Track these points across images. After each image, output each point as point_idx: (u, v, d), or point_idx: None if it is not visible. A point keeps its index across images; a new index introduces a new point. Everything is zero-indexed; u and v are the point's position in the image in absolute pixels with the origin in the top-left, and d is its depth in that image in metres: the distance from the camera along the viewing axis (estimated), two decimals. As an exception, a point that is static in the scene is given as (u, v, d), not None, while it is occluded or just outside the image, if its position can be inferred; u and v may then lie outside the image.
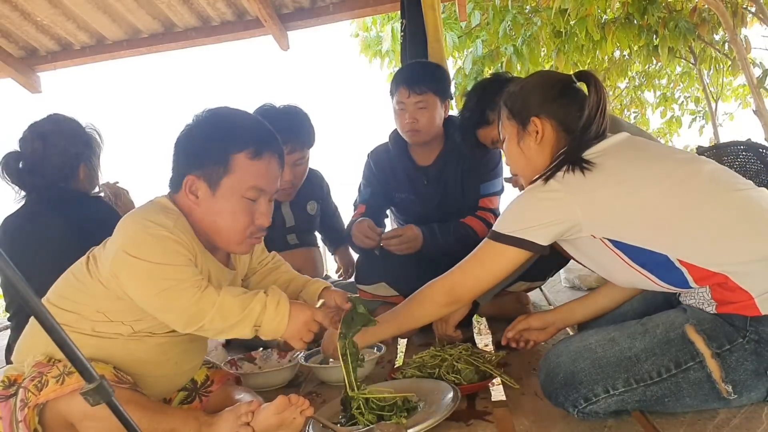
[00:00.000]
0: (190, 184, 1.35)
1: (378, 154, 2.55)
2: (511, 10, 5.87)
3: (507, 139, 1.54)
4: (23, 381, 1.26)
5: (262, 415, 1.22)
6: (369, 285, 2.35)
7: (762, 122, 6.01)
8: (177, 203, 1.39)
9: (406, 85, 2.29)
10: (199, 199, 1.35)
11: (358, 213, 2.48)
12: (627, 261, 1.30)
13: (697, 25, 6.03)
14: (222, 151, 1.34)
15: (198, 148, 1.36)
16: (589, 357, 1.24)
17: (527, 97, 1.49)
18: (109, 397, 0.82)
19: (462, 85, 6.49)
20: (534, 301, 2.58)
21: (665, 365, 1.20)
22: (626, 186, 1.29)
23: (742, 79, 8.25)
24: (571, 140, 1.42)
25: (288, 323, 1.28)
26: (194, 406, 1.53)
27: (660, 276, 1.28)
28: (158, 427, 1.22)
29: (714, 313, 1.22)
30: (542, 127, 1.45)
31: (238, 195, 1.34)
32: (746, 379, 1.18)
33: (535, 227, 1.34)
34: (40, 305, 0.78)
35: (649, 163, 1.34)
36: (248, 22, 3.73)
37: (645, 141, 1.45)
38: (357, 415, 1.33)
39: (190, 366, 1.51)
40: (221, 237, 1.38)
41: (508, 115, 1.53)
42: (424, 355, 1.70)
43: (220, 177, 1.33)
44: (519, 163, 1.53)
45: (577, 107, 1.43)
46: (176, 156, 1.41)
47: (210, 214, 1.35)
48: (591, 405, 1.23)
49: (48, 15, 3.57)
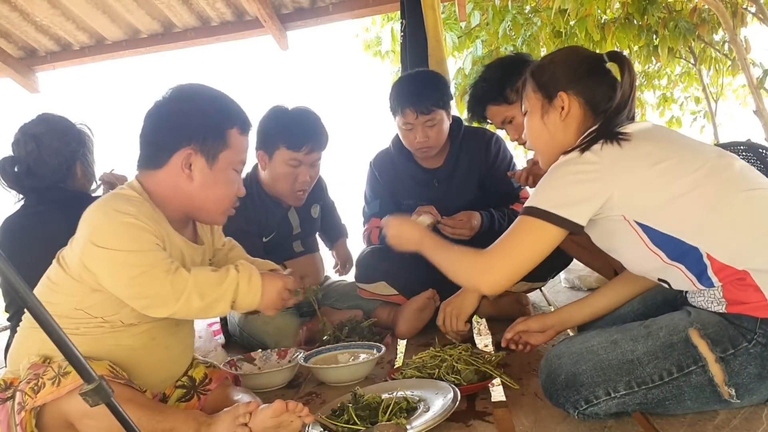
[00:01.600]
0: (185, 158, 1.37)
1: (382, 162, 2.53)
2: (511, 11, 5.87)
3: (529, 113, 1.49)
4: (19, 384, 1.26)
5: (259, 416, 1.23)
6: (369, 284, 2.36)
7: (762, 122, 6.01)
8: (154, 180, 1.40)
9: (412, 107, 2.24)
10: (193, 173, 1.38)
11: (374, 226, 2.48)
12: (652, 248, 1.26)
13: (697, 25, 6.02)
14: (221, 126, 1.40)
15: (194, 123, 1.38)
16: (591, 359, 1.24)
17: (556, 70, 1.44)
18: (108, 397, 0.82)
19: (462, 85, 6.48)
20: (534, 301, 2.58)
21: (667, 369, 1.19)
22: (663, 169, 1.25)
23: (742, 79, 8.25)
24: (603, 118, 1.38)
25: (261, 295, 1.34)
26: (192, 403, 1.53)
27: (687, 266, 1.24)
28: (157, 426, 1.22)
29: (722, 312, 1.21)
30: (569, 103, 1.41)
31: (231, 168, 1.43)
32: (749, 383, 1.17)
33: (574, 204, 1.28)
34: (39, 306, 0.78)
35: (682, 151, 1.30)
36: (248, 22, 3.73)
37: (671, 130, 1.43)
38: (356, 417, 1.33)
39: (181, 349, 1.51)
40: (209, 208, 1.44)
41: (534, 87, 1.47)
42: (423, 356, 1.70)
43: (218, 151, 1.40)
44: (540, 138, 1.48)
45: (607, 87, 1.40)
46: (159, 132, 1.41)
47: (205, 186, 1.40)
48: (592, 407, 1.23)
49: (47, 15, 3.57)
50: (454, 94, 5.95)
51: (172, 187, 1.39)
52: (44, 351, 1.31)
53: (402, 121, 2.31)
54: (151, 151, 1.42)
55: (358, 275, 2.40)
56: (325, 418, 1.35)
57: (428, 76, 2.42)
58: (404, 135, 2.35)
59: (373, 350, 1.86)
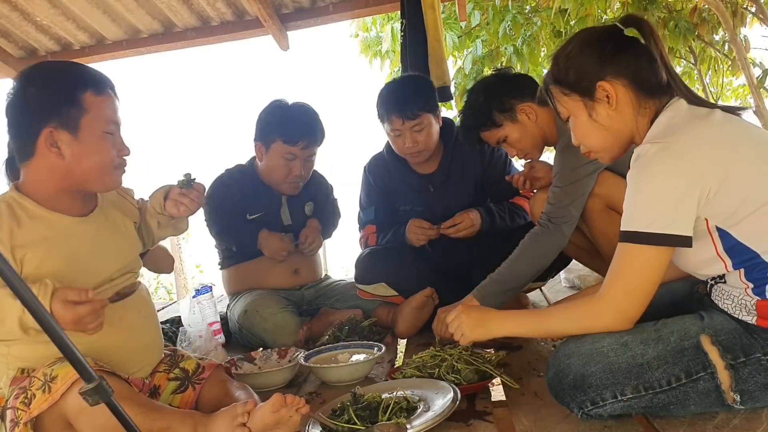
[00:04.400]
0: (48, 137, 1.36)
1: (376, 168, 2.53)
2: (511, 10, 5.87)
3: (573, 117, 1.36)
4: (7, 402, 1.26)
5: (258, 414, 1.22)
6: (368, 285, 2.36)
7: (762, 122, 6.01)
8: (31, 171, 1.39)
9: (397, 114, 2.24)
10: (61, 149, 1.36)
11: (370, 233, 2.50)
12: (721, 254, 1.18)
13: (697, 25, 6.02)
14: (71, 94, 1.37)
15: (45, 101, 1.36)
16: (600, 361, 1.21)
17: (582, 63, 1.30)
18: (108, 396, 0.82)
19: (462, 85, 6.48)
20: (534, 301, 2.58)
21: (676, 374, 1.18)
22: (761, 167, 1.15)
23: (742, 79, 8.24)
24: (659, 92, 1.26)
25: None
26: (188, 394, 1.53)
27: (748, 277, 1.18)
28: (153, 424, 1.22)
29: (750, 323, 1.18)
30: (613, 90, 1.27)
31: (100, 132, 1.40)
32: (755, 390, 1.16)
33: (675, 215, 1.15)
34: (39, 305, 0.78)
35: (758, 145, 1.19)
36: (248, 22, 3.72)
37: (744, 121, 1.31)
38: (356, 417, 1.33)
39: (146, 324, 1.52)
40: (92, 177, 1.41)
41: (564, 91, 1.34)
42: (424, 355, 1.70)
43: (78, 118, 1.36)
44: (597, 138, 1.34)
45: (644, 56, 1.27)
46: (18, 124, 1.39)
47: (78, 157, 1.38)
48: (597, 408, 1.22)
49: (48, 15, 3.57)
50: (454, 94, 5.95)
51: (49, 170, 1.38)
52: (18, 364, 1.31)
53: (390, 128, 2.31)
54: (19, 145, 1.41)
55: (357, 276, 2.40)
56: (325, 417, 1.35)
57: (412, 81, 2.41)
58: (393, 141, 2.35)
59: (373, 350, 1.86)
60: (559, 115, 1.40)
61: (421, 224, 2.32)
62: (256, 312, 2.25)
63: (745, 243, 1.16)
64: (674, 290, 1.47)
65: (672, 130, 1.20)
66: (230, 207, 2.44)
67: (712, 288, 1.28)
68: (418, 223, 2.33)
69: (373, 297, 2.36)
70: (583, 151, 1.41)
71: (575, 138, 1.40)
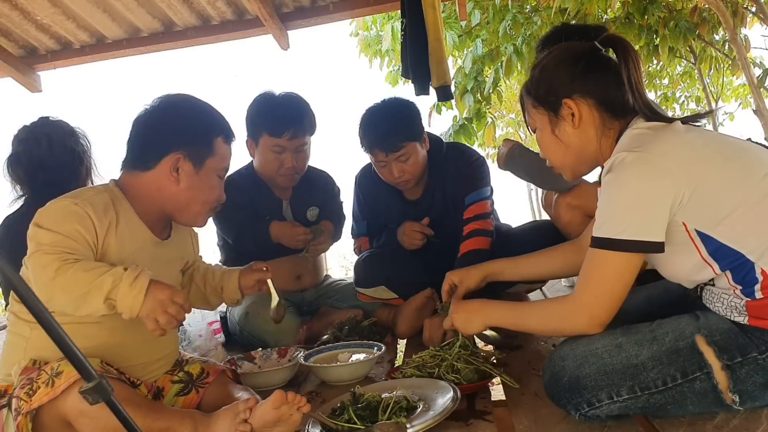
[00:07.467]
0: (174, 161, 1.45)
1: (365, 181, 2.49)
2: (511, 10, 5.87)
3: (539, 131, 1.39)
4: (14, 390, 1.27)
5: (259, 411, 1.23)
6: (368, 288, 2.35)
7: (762, 122, 6.01)
8: (138, 181, 1.47)
9: (379, 148, 2.19)
10: (180, 176, 1.46)
11: (363, 244, 2.49)
12: (706, 258, 1.19)
13: (697, 24, 6.02)
14: (208, 135, 1.50)
15: (181, 130, 1.47)
16: (595, 362, 1.21)
17: (552, 78, 1.32)
18: (108, 395, 0.82)
19: (462, 85, 6.48)
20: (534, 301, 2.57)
21: (671, 375, 1.17)
22: (736, 169, 1.16)
23: (742, 79, 8.25)
24: (623, 112, 1.27)
25: (144, 300, 1.23)
26: (191, 397, 1.54)
27: (735, 279, 1.18)
28: (153, 425, 1.22)
29: (743, 323, 1.17)
30: (578, 108, 1.29)
31: (215, 174, 1.53)
32: (753, 390, 1.16)
33: (647, 221, 1.17)
34: (39, 305, 0.78)
35: (742, 152, 1.21)
36: (248, 21, 3.72)
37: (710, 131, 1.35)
38: (356, 416, 1.33)
39: (168, 336, 1.47)
40: (191, 210, 1.51)
41: (533, 103, 1.36)
42: (423, 355, 1.70)
43: (205, 157, 1.49)
44: (558, 153, 1.37)
45: (614, 77, 1.27)
46: (150, 137, 1.49)
47: (190, 189, 1.48)
48: (594, 410, 1.22)
49: (48, 14, 3.57)
50: (454, 93, 5.95)
51: (158, 188, 1.47)
52: (31, 354, 1.32)
53: (374, 160, 2.27)
54: (140, 154, 1.49)
55: (357, 280, 2.39)
56: (325, 417, 1.35)
57: (394, 108, 2.27)
58: (380, 171, 2.30)
59: (373, 349, 1.86)
60: (527, 125, 1.43)
61: (413, 227, 2.30)
62: (257, 314, 2.25)
63: (728, 245, 1.17)
64: (670, 290, 1.47)
65: (640, 141, 1.23)
66: (243, 211, 2.40)
67: (703, 291, 1.28)
68: (411, 227, 2.31)
69: (372, 300, 2.35)
70: (551, 165, 1.44)
71: (543, 152, 1.43)
